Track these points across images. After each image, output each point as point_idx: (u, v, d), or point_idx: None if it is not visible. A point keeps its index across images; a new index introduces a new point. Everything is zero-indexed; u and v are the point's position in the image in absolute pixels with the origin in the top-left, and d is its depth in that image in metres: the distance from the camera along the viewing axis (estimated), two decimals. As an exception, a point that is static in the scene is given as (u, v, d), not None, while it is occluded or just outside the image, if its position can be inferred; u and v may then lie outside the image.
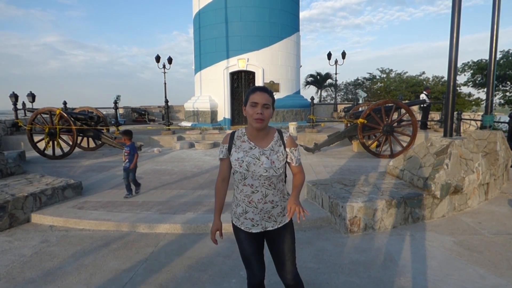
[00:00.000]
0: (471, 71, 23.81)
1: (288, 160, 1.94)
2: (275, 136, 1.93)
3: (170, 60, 20.73)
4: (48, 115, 9.25)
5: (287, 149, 1.92)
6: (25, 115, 13.39)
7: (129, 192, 5.23)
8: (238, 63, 13.65)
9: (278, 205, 1.94)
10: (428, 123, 12.72)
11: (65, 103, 13.60)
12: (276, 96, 9.07)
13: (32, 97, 14.68)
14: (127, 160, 5.23)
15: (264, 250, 2.09)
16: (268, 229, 1.95)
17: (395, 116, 9.27)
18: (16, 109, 12.04)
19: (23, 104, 13.07)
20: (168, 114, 13.04)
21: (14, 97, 12.29)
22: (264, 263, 2.05)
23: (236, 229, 2.02)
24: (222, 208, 2.07)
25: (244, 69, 13.74)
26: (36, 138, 9.27)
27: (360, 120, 8.37)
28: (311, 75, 36.61)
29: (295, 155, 1.94)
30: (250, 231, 1.95)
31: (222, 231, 2.07)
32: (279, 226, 1.97)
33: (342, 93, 37.15)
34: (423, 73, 29.55)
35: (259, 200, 1.89)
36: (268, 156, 1.86)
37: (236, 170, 1.90)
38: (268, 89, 1.87)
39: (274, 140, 1.92)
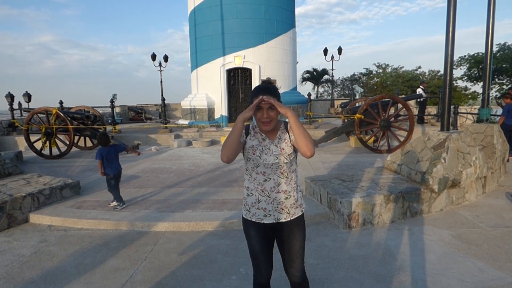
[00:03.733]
0: (468, 65, 23.84)
1: (293, 140, 1.88)
2: (281, 126, 1.95)
3: (166, 58, 20.68)
4: (44, 115, 9.20)
5: (290, 133, 1.90)
6: (21, 115, 13.31)
7: (119, 201, 4.67)
8: (235, 60, 13.61)
9: (291, 196, 1.93)
10: (425, 117, 12.75)
11: (61, 102, 13.52)
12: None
13: (28, 97, 14.58)
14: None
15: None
16: (281, 220, 1.93)
17: (392, 111, 9.29)
18: (12, 109, 11.98)
19: (19, 104, 13.01)
20: (165, 113, 13.00)
21: (10, 97, 12.23)
22: (272, 262, 2.04)
23: (246, 224, 1.99)
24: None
25: (241, 66, 13.71)
26: (33, 138, 9.22)
27: (357, 115, 8.38)
28: (308, 71, 36.59)
29: None
30: (262, 221, 1.93)
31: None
32: (292, 218, 1.95)
33: (339, 89, 37.18)
34: (419, 67, 29.48)
35: (272, 188, 1.90)
36: (277, 144, 1.90)
37: (250, 158, 1.92)
38: (271, 88, 1.83)
39: (281, 130, 1.94)
